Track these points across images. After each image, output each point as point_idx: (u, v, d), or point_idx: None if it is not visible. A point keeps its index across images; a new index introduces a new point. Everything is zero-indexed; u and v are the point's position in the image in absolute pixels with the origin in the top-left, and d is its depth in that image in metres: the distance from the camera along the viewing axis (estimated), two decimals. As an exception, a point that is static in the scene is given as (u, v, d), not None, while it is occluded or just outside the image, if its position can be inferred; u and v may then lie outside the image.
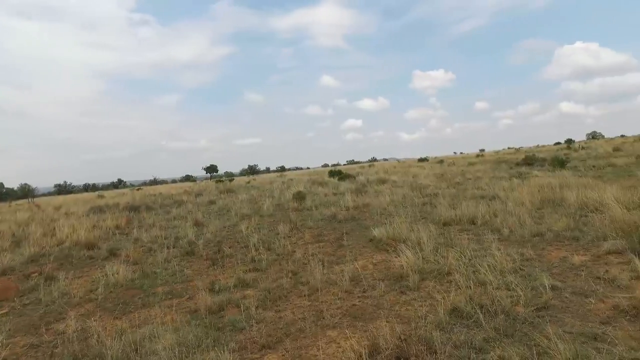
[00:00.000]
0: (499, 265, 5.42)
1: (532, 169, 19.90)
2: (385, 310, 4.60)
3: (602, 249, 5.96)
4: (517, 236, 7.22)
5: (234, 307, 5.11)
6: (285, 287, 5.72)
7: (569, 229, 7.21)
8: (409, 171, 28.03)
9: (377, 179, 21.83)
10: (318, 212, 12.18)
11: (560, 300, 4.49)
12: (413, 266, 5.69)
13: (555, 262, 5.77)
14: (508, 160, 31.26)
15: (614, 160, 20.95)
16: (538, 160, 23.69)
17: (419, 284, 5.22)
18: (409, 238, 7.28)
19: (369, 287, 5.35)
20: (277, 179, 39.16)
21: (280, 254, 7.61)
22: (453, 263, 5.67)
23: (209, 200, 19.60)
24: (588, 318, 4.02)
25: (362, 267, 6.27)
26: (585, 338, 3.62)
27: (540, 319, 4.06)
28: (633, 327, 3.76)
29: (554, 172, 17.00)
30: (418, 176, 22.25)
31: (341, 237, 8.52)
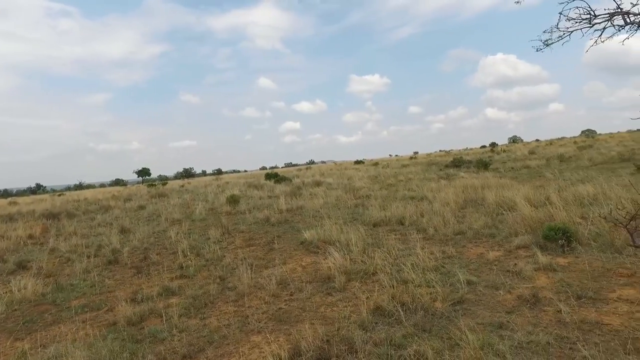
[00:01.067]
0: (421, 264, 5.66)
1: (459, 171, 21.09)
2: (310, 312, 4.62)
3: (513, 244, 6.44)
4: (441, 235, 7.59)
5: (156, 317, 4.87)
6: (212, 293, 5.56)
7: (486, 227, 7.70)
8: (344, 173, 28.57)
9: (312, 181, 22.01)
10: (251, 215, 12.03)
11: (474, 294, 4.77)
12: (340, 268, 5.78)
13: (473, 258, 6.13)
14: (438, 162, 32.89)
15: (528, 163, 22.77)
16: (465, 163, 25.15)
17: (345, 285, 5.31)
18: (339, 240, 7.39)
19: (297, 290, 5.36)
20: (213, 182, 38.17)
21: (210, 259, 7.40)
22: (379, 263, 5.83)
23: (138, 205, 18.64)
24: (496, 309, 4.31)
25: (291, 270, 6.27)
26: (492, 327, 3.88)
27: (456, 313, 4.29)
28: (532, 313, 4.09)
29: (478, 174, 18.15)
30: (353, 178, 22.73)
31: (273, 240, 8.46)
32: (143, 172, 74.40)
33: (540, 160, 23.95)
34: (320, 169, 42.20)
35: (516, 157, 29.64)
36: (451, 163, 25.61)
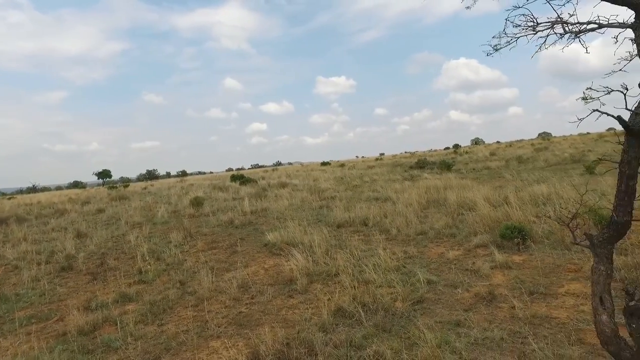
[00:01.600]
0: (383, 264, 5.72)
1: (423, 172, 21.53)
2: (271, 315, 4.58)
3: (472, 243, 6.62)
4: (403, 235, 7.71)
5: (110, 325, 4.69)
6: (171, 298, 5.41)
7: (447, 227, 7.88)
8: (310, 175, 28.58)
9: (278, 182, 21.88)
10: (215, 218, 11.81)
11: (434, 293, 4.86)
12: (303, 270, 5.76)
13: (434, 258, 6.26)
14: (403, 163, 33.47)
15: (489, 164, 23.54)
16: (429, 164, 25.71)
17: (307, 287, 5.30)
18: (302, 241, 7.37)
19: (258, 293, 5.29)
20: (177, 184, 37.24)
21: (170, 263, 7.21)
22: (342, 264, 5.85)
23: (97, 209, 17.93)
24: (455, 307, 4.41)
25: (254, 273, 6.19)
26: (450, 325, 3.97)
27: (416, 312, 4.36)
28: (488, 310, 4.21)
29: (441, 175, 18.60)
30: (319, 180, 22.77)
31: (236, 243, 8.34)
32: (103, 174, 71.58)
33: (500, 161, 24.80)
34: (286, 171, 42.07)
35: (478, 159, 30.57)
36: (416, 164, 26.13)
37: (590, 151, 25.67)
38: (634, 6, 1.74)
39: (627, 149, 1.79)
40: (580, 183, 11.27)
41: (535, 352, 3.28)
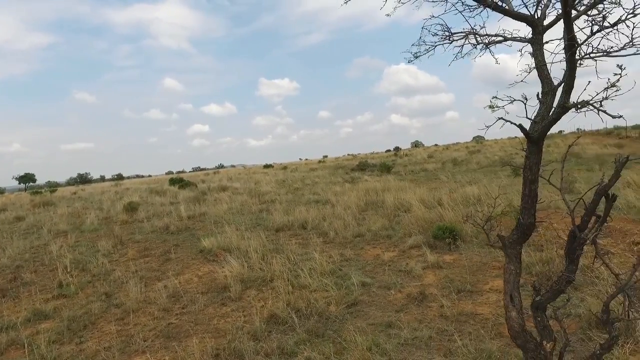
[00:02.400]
0: (319, 268, 5.71)
1: (363, 174, 21.98)
2: (203, 325, 4.41)
3: (406, 244, 6.81)
4: (341, 238, 7.78)
5: (17, 349, 4.27)
6: (94, 312, 5.04)
7: (384, 229, 8.06)
8: (252, 178, 28.21)
9: (219, 186, 21.37)
10: (150, 223, 11.27)
11: (368, 295, 4.93)
12: (237, 276, 5.62)
13: (370, 260, 6.36)
14: (345, 166, 33.98)
15: (427, 166, 24.53)
16: (370, 166, 26.30)
17: (241, 294, 5.17)
18: (239, 247, 7.21)
19: (190, 302, 5.08)
20: (112, 188, 35.21)
21: (96, 274, 6.74)
22: (278, 269, 5.77)
23: (15, 217, 16.46)
24: (387, 308, 4.50)
25: (187, 281, 5.95)
26: (382, 327, 4.03)
27: (350, 315, 4.39)
28: (419, 310, 4.33)
29: (381, 177, 19.07)
30: (260, 183, 22.52)
31: (170, 250, 7.99)
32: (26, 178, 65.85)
33: (437, 163, 25.93)
34: (228, 174, 41.20)
35: (416, 161, 31.77)
36: (357, 167, 26.64)
37: (517, 154, 27.50)
38: (531, 23, 1.85)
39: (528, 155, 1.89)
40: (506, 184, 12.02)
41: (460, 348, 3.41)
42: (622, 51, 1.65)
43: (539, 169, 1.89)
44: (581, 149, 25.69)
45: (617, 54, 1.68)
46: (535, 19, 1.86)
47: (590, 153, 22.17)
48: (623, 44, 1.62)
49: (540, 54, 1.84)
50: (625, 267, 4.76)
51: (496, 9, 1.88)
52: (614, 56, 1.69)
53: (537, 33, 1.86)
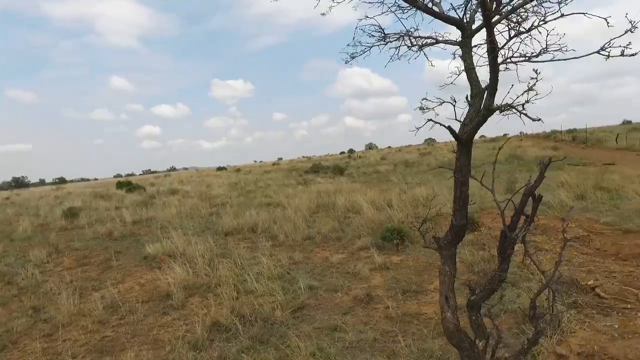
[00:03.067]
0: (266, 272, 5.61)
1: (317, 176, 22.02)
2: (141, 336, 4.18)
3: (355, 246, 6.84)
4: (291, 241, 7.70)
5: None
6: (17, 330, 4.64)
7: (334, 231, 8.06)
8: (204, 181, 27.54)
9: (169, 189, 20.67)
10: (92, 230, 10.67)
11: (315, 298, 4.88)
12: (182, 283, 5.41)
13: (319, 262, 6.33)
14: (299, 168, 33.94)
15: (379, 168, 24.96)
16: (323, 168, 26.39)
17: (184, 302, 4.97)
18: (185, 252, 6.96)
19: (129, 312, 4.81)
20: (52, 192, 33.18)
21: (24, 287, 6.24)
22: (224, 275, 5.60)
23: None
24: (334, 311, 4.47)
25: (128, 290, 5.65)
26: (328, 331, 3.99)
27: (296, 320, 4.32)
28: (365, 312, 4.34)
29: (333, 179, 19.18)
30: (212, 186, 22.02)
31: (112, 257, 7.58)
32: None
33: (389, 165, 26.43)
34: (180, 176, 40.02)
35: (369, 163, 32.26)
36: (310, 169, 26.66)
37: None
38: (459, 26, 1.88)
39: (458, 157, 1.91)
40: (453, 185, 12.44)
41: (403, 349, 3.43)
42: (540, 57, 1.70)
43: (469, 171, 1.92)
44: (523, 151, 27.14)
45: (536, 60, 1.73)
46: (463, 23, 1.89)
47: (531, 155, 23.43)
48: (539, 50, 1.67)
49: (469, 57, 1.87)
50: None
51: (427, 11, 1.88)
52: (534, 61, 1.74)
53: (466, 37, 1.88)
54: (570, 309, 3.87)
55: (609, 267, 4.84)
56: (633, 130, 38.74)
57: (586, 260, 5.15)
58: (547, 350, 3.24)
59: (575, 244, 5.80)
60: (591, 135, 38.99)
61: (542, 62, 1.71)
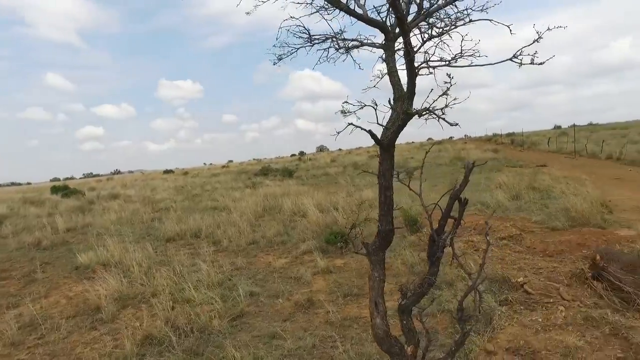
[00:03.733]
0: (206, 280, 5.41)
1: (266, 179, 21.76)
2: (62, 356, 3.86)
3: (300, 250, 6.77)
4: (234, 246, 7.50)
5: None
6: None
7: (279, 235, 7.95)
8: (150, 184, 26.44)
9: (110, 194, 19.62)
10: (17, 239, 9.85)
11: (256, 305, 4.76)
12: (114, 294, 5.09)
13: (262, 267, 6.20)
14: (249, 171, 33.44)
15: (329, 170, 25.09)
16: (273, 171, 26.16)
17: (116, 315, 4.67)
18: (122, 261, 6.58)
19: (51, 330, 4.44)
20: (-24, 199, 30.47)
21: None
22: (162, 283, 5.33)
23: None
24: (274, 318, 4.37)
25: (52, 305, 5.23)
26: (267, 339, 3.89)
27: (234, 329, 4.18)
28: (305, 318, 4.27)
29: (282, 182, 19.02)
30: (157, 189, 21.18)
31: (37, 269, 7.01)
32: None
33: (338, 168, 26.64)
34: (124, 180, 38.17)
35: (319, 165, 32.38)
36: (260, 172, 26.34)
37: (412, 158, 29.51)
38: (382, 28, 1.86)
39: (381, 161, 1.89)
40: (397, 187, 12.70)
41: (341, 354, 3.39)
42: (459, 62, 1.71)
43: (392, 175, 1.90)
44: (467, 153, 28.34)
45: (456, 65, 1.75)
46: (386, 26, 1.87)
47: (474, 157, 24.48)
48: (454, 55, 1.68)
49: (392, 60, 1.85)
50: (492, 261, 5.22)
51: (349, 13, 1.85)
52: (453, 66, 1.75)
53: (389, 40, 1.87)
54: (502, 305, 4.02)
55: (537, 263, 5.09)
56: (562, 134, 41.68)
57: (518, 258, 5.39)
58: (478, 347, 3.33)
59: (509, 243, 6.07)
60: (527, 139, 41.58)
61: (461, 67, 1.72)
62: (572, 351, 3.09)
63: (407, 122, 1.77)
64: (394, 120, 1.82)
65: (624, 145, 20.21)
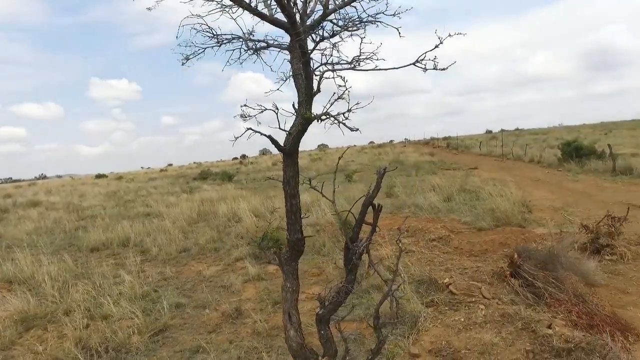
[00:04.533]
0: (129, 292, 5.07)
1: (204, 183, 21.11)
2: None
3: (232, 257, 6.56)
4: (164, 254, 7.14)
5: None
6: None
7: (212, 241, 7.67)
8: (78, 190, 24.71)
9: (29, 201, 18.07)
10: None
11: (181, 318, 4.51)
12: (18, 315, 4.60)
13: (192, 276, 5.93)
14: (188, 175, 32.32)
15: (269, 174, 24.84)
16: (212, 175, 25.45)
17: (16, 339, 4.21)
18: (33, 276, 6.01)
19: None
20: None
21: None
22: (77, 299, 4.92)
23: None
24: (200, 330, 4.16)
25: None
26: (190, 353, 3.69)
27: (155, 344, 3.93)
28: (232, 329, 4.11)
29: (221, 186, 18.53)
30: (86, 195, 19.83)
31: None
32: None
33: (279, 171, 26.39)
34: (48, 186, 35.35)
35: (260, 169, 32.01)
36: (199, 175, 25.54)
37: (352, 161, 29.99)
38: (287, 30, 1.79)
39: (284, 168, 1.81)
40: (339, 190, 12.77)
41: (265, 366, 3.27)
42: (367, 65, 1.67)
43: (298, 183, 1.82)
44: (405, 156, 29.31)
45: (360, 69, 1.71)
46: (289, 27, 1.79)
47: (411, 160, 25.36)
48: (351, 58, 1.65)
49: (297, 62, 1.77)
50: (421, 263, 5.34)
51: (253, 12, 1.75)
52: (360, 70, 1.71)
53: (295, 41, 1.79)
54: (428, 307, 4.09)
55: (463, 263, 5.27)
56: (493, 138, 44.37)
57: (446, 259, 5.55)
58: (403, 350, 3.35)
59: (438, 244, 6.26)
60: (462, 143, 43.88)
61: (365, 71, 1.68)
62: (489, 348, 3.19)
63: (306, 127, 1.70)
64: (296, 125, 1.74)
65: (544, 149, 21.85)
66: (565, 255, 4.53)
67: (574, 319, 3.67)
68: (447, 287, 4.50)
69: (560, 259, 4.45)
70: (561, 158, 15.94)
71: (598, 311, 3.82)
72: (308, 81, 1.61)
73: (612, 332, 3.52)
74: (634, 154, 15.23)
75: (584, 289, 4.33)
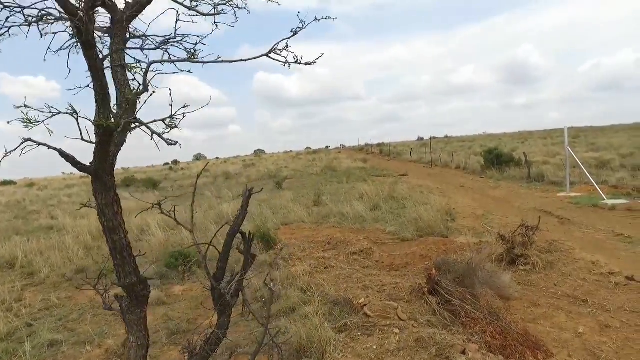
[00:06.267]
0: (-7, 328, 4.23)
1: (126, 191, 19.61)
2: None
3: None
4: (56, 277, 6.23)
5: None
6: None
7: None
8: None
9: None
10: None
11: (54, 357, 3.80)
12: None
13: (84, 303, 5.18)
14: (112, 181, 30.02)
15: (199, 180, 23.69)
16: (137, 182, 23.82)
17: None
18: None
19: None
20: None
21: None
22: None
23: None
24: (74, 374, 3.49)
25: None
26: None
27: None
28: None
29: (143, 195, 17.26)
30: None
31: None
32: None
33: (210, 177, 25.35)
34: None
35: (191, 175, 30.58)
36: (121, 182, 23.77)
37: (286, 167, 29.59)
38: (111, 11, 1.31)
39: (95, 194, 1.34)
40: (266, 198, 12.23)
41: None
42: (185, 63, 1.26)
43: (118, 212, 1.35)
44: (339, 163, 29.37)
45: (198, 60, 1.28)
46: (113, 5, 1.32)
47: (344, 167, 25.41)
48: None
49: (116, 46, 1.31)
50: (338, 280, 5.00)
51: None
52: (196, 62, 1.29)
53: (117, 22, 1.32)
54: (340, 332, 3.73)
55: (383, 279, 5.00)
56: (423, 145, 46.12)
57: (365, 274, 5.26)
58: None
59: (359, 258, 5.98)
60: (394, 149, 45.15)
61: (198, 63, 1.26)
62: (399, 382, 2.89)
63: (108, 139, 1.24)
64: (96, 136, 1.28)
65: (469, 157, 22.86)
66: (482, 269, 4.41)
67: (488, 340, 3.49)
68: (362, 308, 4.19)
69: (477, 272, 4.32)
70: (484, 165, 16.64)
71: (511, 329, 3.68)
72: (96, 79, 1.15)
73: (523, 352, 3.38)
74: (545, 162, 16.26)
75: (499, 303, 4.22)
